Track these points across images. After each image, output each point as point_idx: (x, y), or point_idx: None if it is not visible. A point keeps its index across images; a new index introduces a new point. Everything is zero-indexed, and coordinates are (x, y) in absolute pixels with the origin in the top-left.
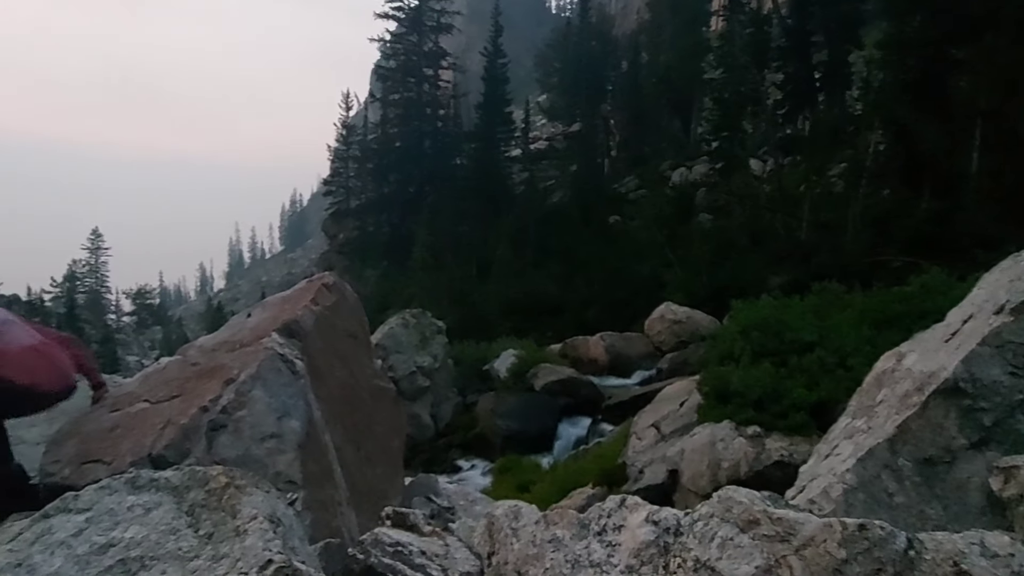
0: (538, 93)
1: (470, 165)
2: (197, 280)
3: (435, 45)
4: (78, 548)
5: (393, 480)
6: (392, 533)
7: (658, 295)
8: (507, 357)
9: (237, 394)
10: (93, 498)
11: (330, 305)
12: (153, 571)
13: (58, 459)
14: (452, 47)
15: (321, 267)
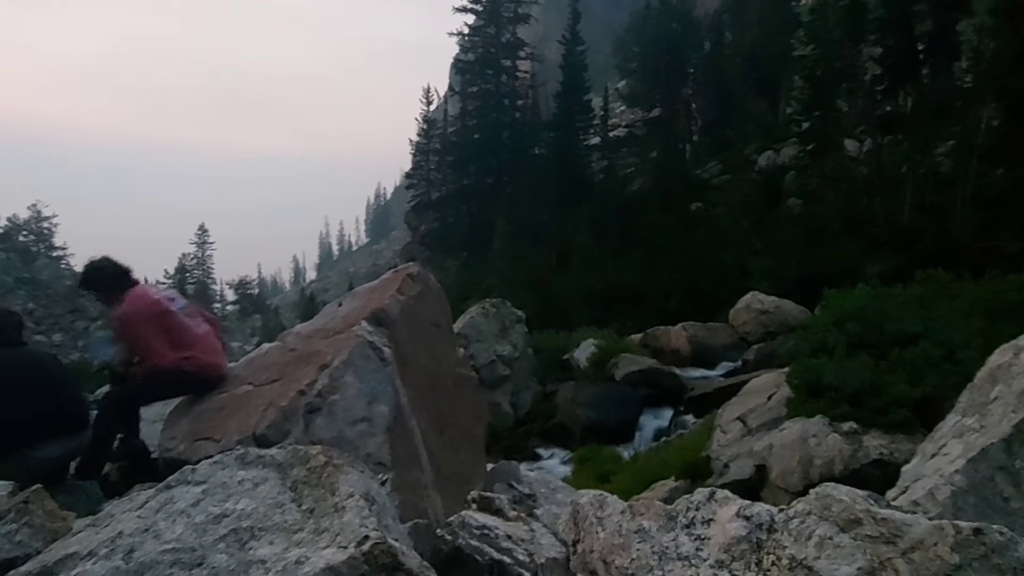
0: (617, 79)
1: (549, 155)
2: (291, 271)
3: (513, 36)
4: (196, 517)
5: (475, 465)
6: (478, 516)
7: (743, 284)
8: (587, 347)
9: (331, 379)
10: (208, 472)
11: (415, 295)
12: (262, 541)
13: (174, 436)
14: (530, 37)
15: (404, 258)
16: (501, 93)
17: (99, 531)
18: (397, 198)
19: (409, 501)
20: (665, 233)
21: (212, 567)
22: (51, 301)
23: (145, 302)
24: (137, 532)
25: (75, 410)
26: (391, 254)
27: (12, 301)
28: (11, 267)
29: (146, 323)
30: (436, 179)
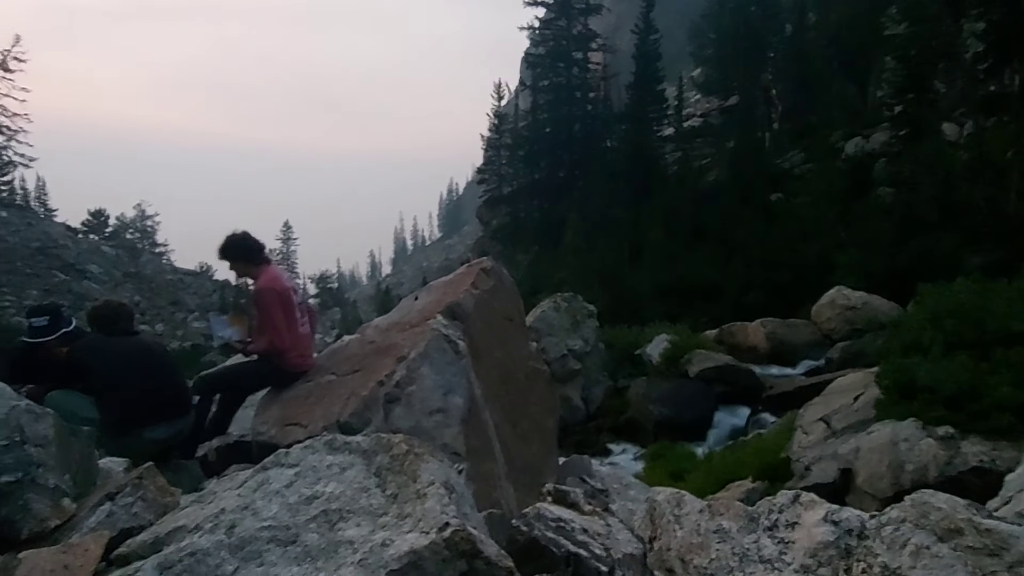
0: (692, 67)
1: (621, 147)
2: (368, 266)
3: (584, 27)
4: (290, 497)
5: (547, 458)
6: (553, 509)
7: (827, 278)
8: (660, 342)
9: (408, 371)
10: (300, 456)
11: (488, 289)
12: (350, 523)
13: (266, 421)
14: (601, 28)
15: (476, 253)
16: (572, 86)
17: (204, 507)
18: (469, 193)
19: (483, 491)
20: (742, 226)
21: (305, 545)
22: (154, 294)
23: (280, 284)
24: (238, 509)
25: (180, 395)
26: (463, 248)
27: (121, 294)
28: (120, 263)
29: (276, 302)
30: (507, 174)
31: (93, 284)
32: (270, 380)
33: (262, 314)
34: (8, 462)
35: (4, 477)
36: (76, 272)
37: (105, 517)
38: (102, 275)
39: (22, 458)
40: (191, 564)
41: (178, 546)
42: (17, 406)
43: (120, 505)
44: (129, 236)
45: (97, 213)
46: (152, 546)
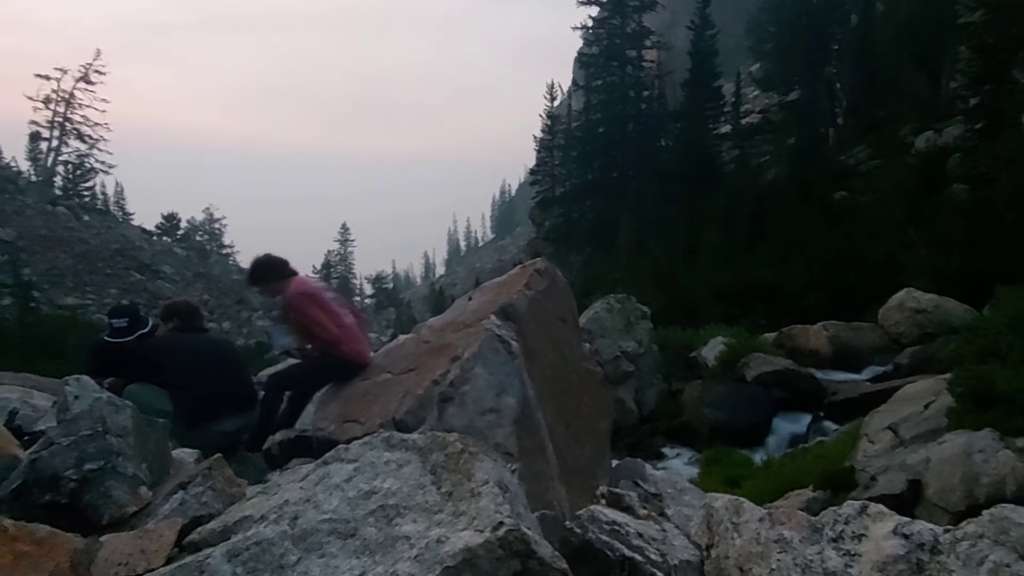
0: (750, 63)
1: (676, 146)
2: (422, 267)
3: (638, 25)
4: (349, 492)
5: (600, 461)
6: (608, 512)
7: (894, 280)
8: (715, 345)
9: (462, 370)
10: (359, 452)
11: (542, 289)
12: (407, 518)
13: (325, 417)
14: (656, 25)
15: (528, 254)
16: (626, 85)
17: (269, 498)
18: (522, 194)
19: (535, 492)
20: (803, 225)
21: (363, 538)
22: (221, 293)
23: (306, 286)
24: (300, 501)
25: (247, 390)
26: (516, 250)
27: (191, 293)
28: (190, 263)
29: (309, 303)
30: (560, 175)
31: (166, 283)
32: (332, 375)
33: (301, 319)
34: (91, 451)
35: (88, 465)
36: (151, 272)
37: (178, 505)
38: (174, 275)
39: (104, 447)
40: (257, 552)
41: (245, 535)
42: (100, 398)
43: (191, 494)
44: (199, 238)
45: (170, 216)
46: (221, 534)
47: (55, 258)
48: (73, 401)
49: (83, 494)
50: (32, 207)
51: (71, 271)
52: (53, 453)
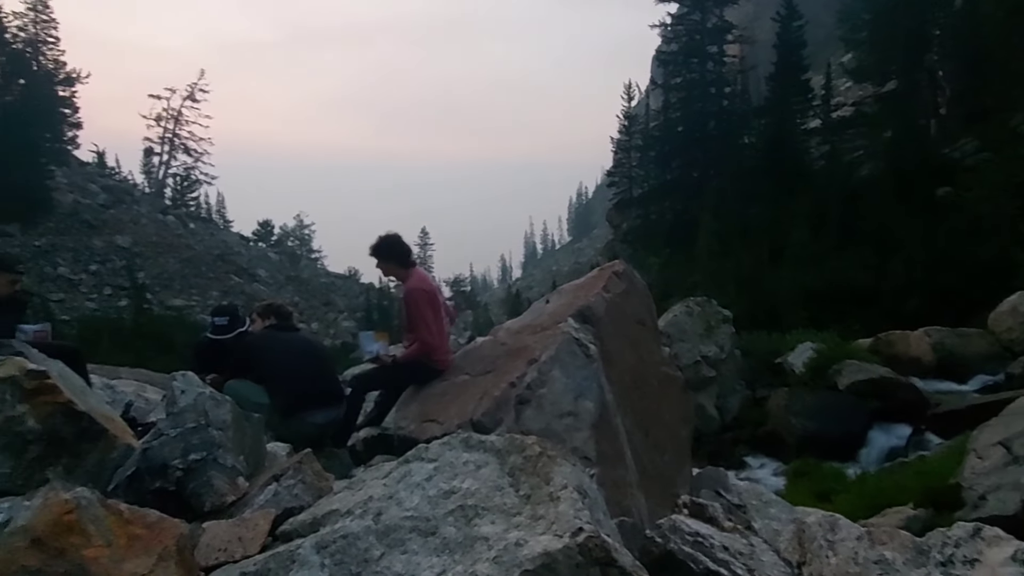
0: (842, 53)
1: (760, 143)
2: (499, 270)
3: (719, 19)
4: (430, 491)
5: (681, 469)
6: (690, 523)
7: (1006, 283)
8: (804, 350)
9: (539, 373)
10: (439, 451)
11: (620, 292)
12: (485, 519)
13: (405, 416)
14: (738, 19)
15: (606, 256)
16: (707, 81)
17: (354, 493)
18: (599, 196)
19: (613, 498)
20: (902, 224)
21: (443, 537)
22: (310, 295)
23: (428, 284)
24: (383, 498)
25: (335, 387)
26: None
27: (283, 295)
28: (282, 267)
29: (426, 301)
30: (638, 176)
31: (261, 286)
32: (415, 378)
33: (412, 313)
34: (196, 442)
35: (192, 455)
36: (248, 275)
37: (272, 496)
38: (268, 278)
39: (206, 439)
40: (344, 546)
41: (332, 528)
42: (203, 393)
43: (284, 486)
44: (290, 244)
45: (265, 223)
46: (310, 526)
47: (165, 263)
48: (180, 395)
49: (188, 483)
50: (146, 216)
51: (179, 275)
52: (162, 444)
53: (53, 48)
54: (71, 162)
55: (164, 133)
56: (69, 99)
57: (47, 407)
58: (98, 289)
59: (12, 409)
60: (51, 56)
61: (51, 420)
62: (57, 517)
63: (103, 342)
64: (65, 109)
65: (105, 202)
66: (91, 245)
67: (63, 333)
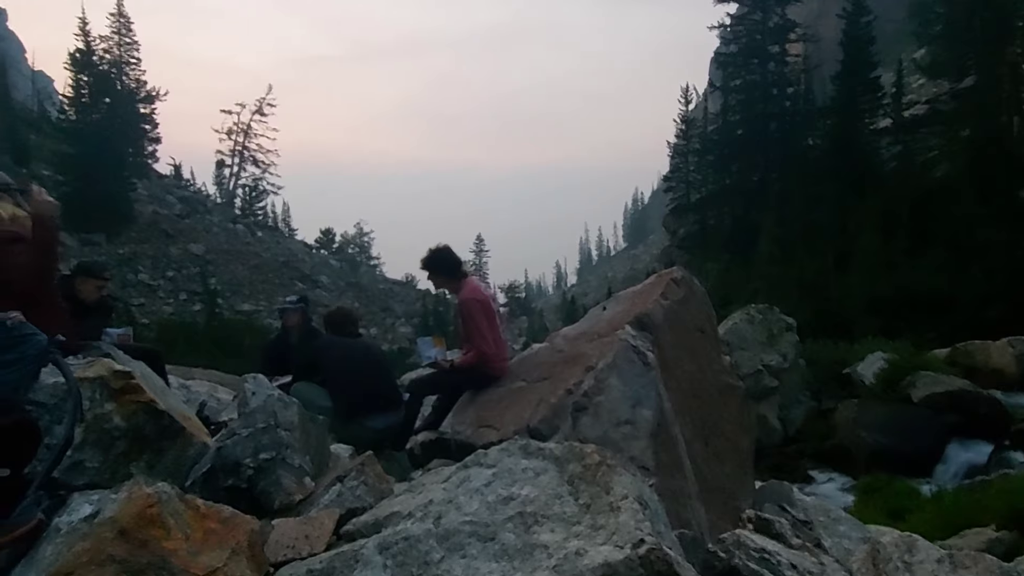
0: (914, 48)
1: (825, 144)
2: (554, 276)
3: (781, 18)
4: (488, 496)
5: (742, 481)
6: (756, 538)
7: None
8: (874, 360)
9: (596, 380)
10: (497, 457)
11: (679, 299)
12: (544, 527)
13: (462, 421)
14: (802, 17)
15: (662, 262)
16: (768, 82)
17: (414, 496)
18: (655, 202)
19: (672, 510)
20: (982, 227)
21: (502, 543)
22: (369, 300)
23: (481, 294)
24: (443, 502)
25: (394, 391)
26: (649, 258)
27: (344, 300)
28: (343, 273)
29: (480, 310)
30: (695, 180)
31: (323, 292)
32: (472, 385)
33: (467, 323)
34: (265, 442)
35: (262, 455)
36: (311, 282)
37: (336, 496)
38: (330, 284)
39: (276, 439)
40: (405, 547)
41: (394, 529)
42: (272, 395)
43: (347, 487)
44: (350, 251)
45: (327, 231)
46: (373, 527)
47: (235, 270)
48: (251, 397)
49: (258, 481)
50: (217, 225)
51: (247, 281)
52: (235, 442)
53: (135, 68)
54: (151, 175)
55: (234, 146)
56: (149, 116)
57: (131, 406)
58: (174, 294)
59: (100, 407)
60: (133, 76)
61: (135, 418)
62: (141, 510)
63: (178, 344)
64: (145, 125)
65: (181, 212)
66: (168, 253)
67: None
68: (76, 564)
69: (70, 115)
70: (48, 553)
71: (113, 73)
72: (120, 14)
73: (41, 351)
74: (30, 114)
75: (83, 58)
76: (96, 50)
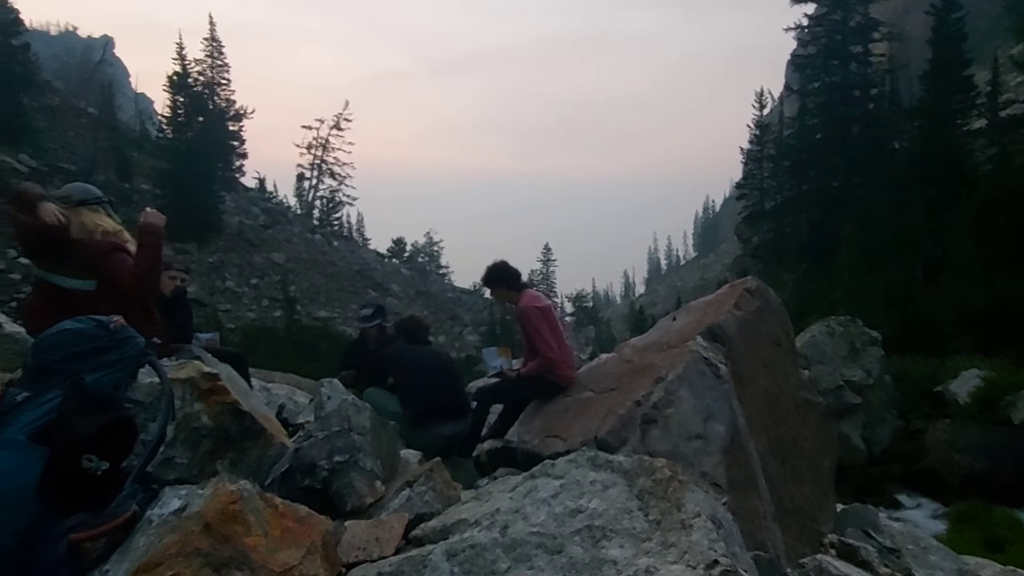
0: (1010, 44)
1: (913, 147)
2: (622, 285)
3: (864, 17)
4: (556, 508)
5: (822, 503)
6: (839, 565)
7: None
8: (969, 378)
9: (666, 392)
10: (564, 468)
11: (753, 310)
12: (613, 542)
13: (529, 431)
14: (885, 15)
15: (734, 272)
16: (849, 84)
17: (481, 504)
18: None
19: (746, 530)
20: None
21: (569, 556)
22: (438, 308)
23: (540, 302)
24: (510, 511)
25: (461, 399)
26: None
27: (413, 308)
28: (413, 282)
29: (540, 317)
30: (770, 187)
31: (394, 300)
32: (539, 394)
33: (529, 332)
34: (340, 445)
35: (337, 457)
36: (382, 290)
37: (405, 501)
38: (400, 292)
39: (349, 443)
40: (472, 556)
41: (461, 537)
42: (346, 400)
43: (416, 492)
44: (420, 260)
45: (398, 241)
46: (440, 533)
47: (312, 278)
48: (326, 401)
49: (332, 482)
50: (297, 235)
51: (324, 289)
52: (312, 444)
53: (225, 88)
54: (238, 188)
55: (314, 160)
56: (237, 132)
57: (218, 406)
58: (257, 301)
59: (190, 407)
60: (224, 95)
61: (221, 418)
62: (224, 506)
63: (260, 348)
64: (234, 142)
65: (264, 223)
66: (252, 261)
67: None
68: (165, 555)
69: (167, 133)
70: (141, 544)
71: (206, 93)
72: (213, 38)
73: (139, 353)
74: (132, 133)
75: (180, 80)
76: (191, 73)
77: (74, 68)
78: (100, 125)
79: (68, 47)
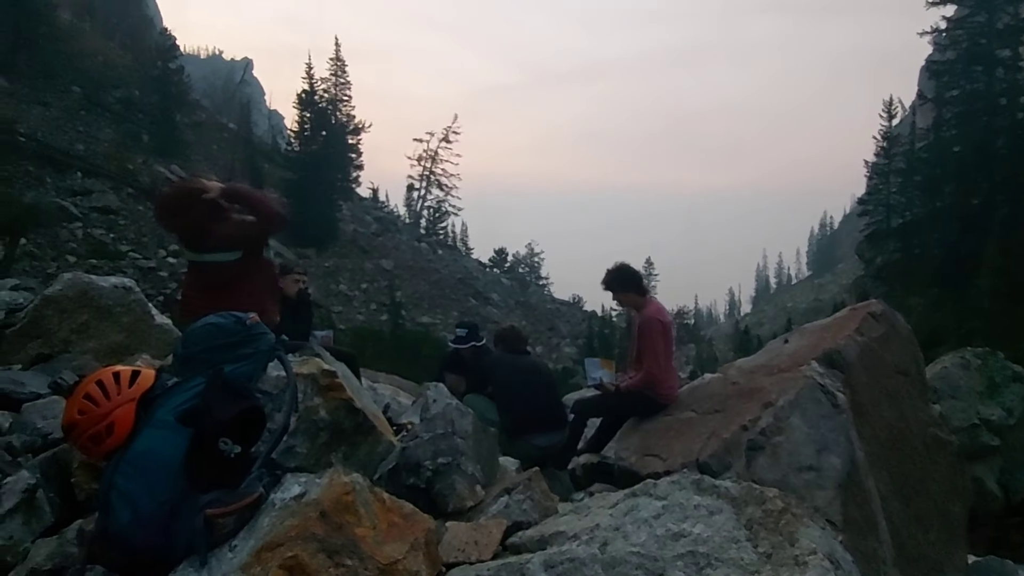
0: None
1: None
2: (726, 304)
3: (1013, 18)
4: (657, 529)
5: (952, 553)
6: None
7: None
8: None
9: (775, 418)
10: (667, 490)
11: (877, 336)
12: (718, 571)
13: (627, 448)
14: None
15: (854, 294)
16: (995, 92)
17: (580, 519)
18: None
19: (864, 574)
20: None
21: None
22: (536, 319)
23: (665, 316)
24: (610, 528)
25: (559, 411)
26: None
27: (512, 318)
28: (513, 292)
29: (660, 332)
30: (898, 203)
31: (493, 309)
32: (638, 410)
33: (645, 342)
34: (443, 447)
35: (440, 459)
36: (483, 299)
37: (503, 508)
38: (500, 302)
39: (452, 445)
40: (569, 569)
41: (559, 549)
42: (450, 404)
43: (514, 500)
44: (521, 270)
45: (500, 251)
46: (538, 543)
47: (417, 284)
48: (432, 404)
49: (435, 483)
50: (405, 243)
51: (427, 295)
52: (417, 444)
53: (346, 104)
54: (353, 197)
55: (423, 171)
56: (355, 146)
57: (334, 402)
58: (366, 304)
59: (310, 400)
60: (345, 111)
61: (337, 413)
62: (339, 496)
63: (367, 350)
64: (352, 154)
65: (375, 231)
66: (363, 267)
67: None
68: (286, 537)
69: (295, 147)
70: (265, 524)
71: (329, 109)
72: (337, 58)
73: (270, 348)
74: (265, 147)
75: (307, 97)
76: (317, 90)
77: (218, 88)
78: (238, 139)
79: (214, 69)
